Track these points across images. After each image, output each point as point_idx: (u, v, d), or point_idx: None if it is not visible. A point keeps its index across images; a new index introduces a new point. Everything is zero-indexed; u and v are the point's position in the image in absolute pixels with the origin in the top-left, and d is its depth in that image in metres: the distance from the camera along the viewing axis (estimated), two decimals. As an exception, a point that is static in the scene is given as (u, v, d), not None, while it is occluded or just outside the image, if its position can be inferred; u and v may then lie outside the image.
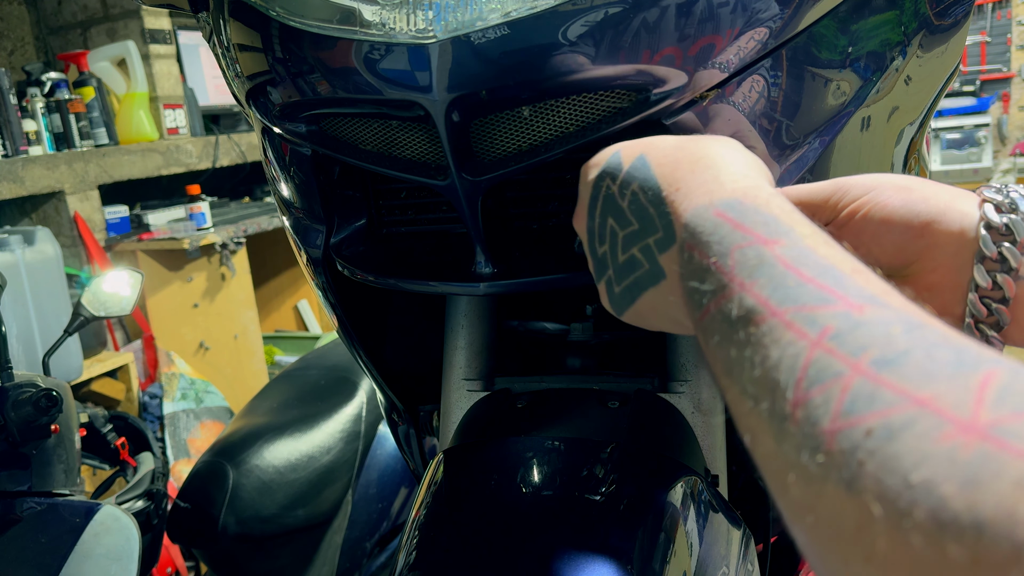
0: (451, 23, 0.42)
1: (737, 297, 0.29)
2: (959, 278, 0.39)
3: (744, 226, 0.32)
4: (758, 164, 0.38)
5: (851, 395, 0.23)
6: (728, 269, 0.31)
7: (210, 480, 1.12)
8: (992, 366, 0.22)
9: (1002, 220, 0.38)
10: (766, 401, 0.26)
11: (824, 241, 0.30)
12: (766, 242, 0.30)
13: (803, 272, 0.28)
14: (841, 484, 0.22)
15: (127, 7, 2.61)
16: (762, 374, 0.27)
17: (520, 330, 0.68)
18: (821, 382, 0.24)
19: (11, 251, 1.97)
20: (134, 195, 2.79)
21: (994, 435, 0.19)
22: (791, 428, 0.25)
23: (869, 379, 0.23)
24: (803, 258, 0.29)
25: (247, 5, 0.48)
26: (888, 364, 0.23)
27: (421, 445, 0.79)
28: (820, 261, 0.29)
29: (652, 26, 0.42)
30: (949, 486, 0.19)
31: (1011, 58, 4.44)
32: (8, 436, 0.99)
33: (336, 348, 1.38)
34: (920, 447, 0.20)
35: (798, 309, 0.27)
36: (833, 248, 0.30)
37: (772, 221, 0.32)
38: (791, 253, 0.29)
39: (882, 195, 0.40)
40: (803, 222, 0.32)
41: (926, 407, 0.21)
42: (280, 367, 2.97)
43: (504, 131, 0.46)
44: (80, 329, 1.25)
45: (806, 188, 0.43)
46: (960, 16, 0.58)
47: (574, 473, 0.51)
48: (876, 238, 0.40)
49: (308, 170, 0.55)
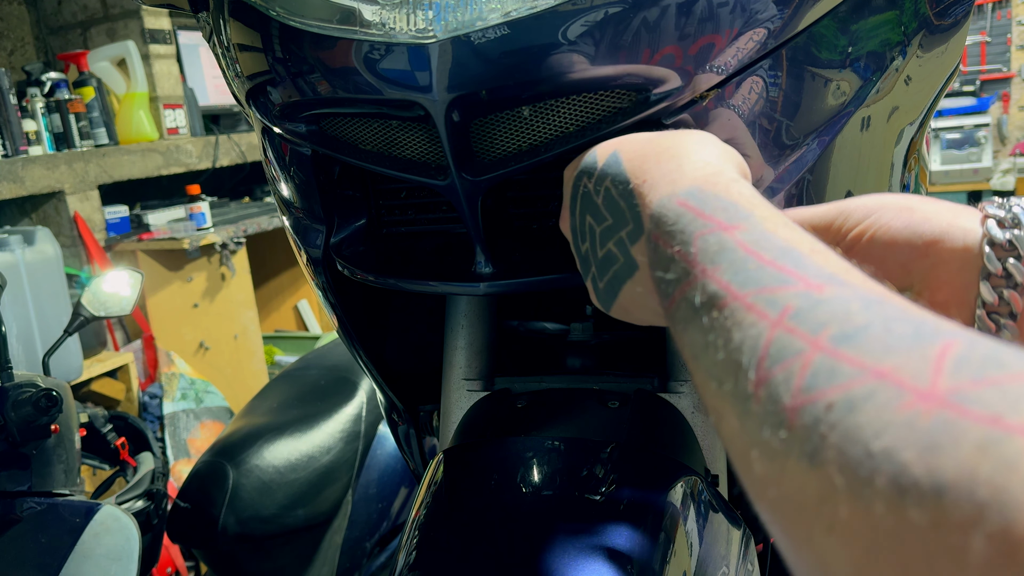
0: (451, 23, 0.42)
1: (700, 284, 0.30)
2: (966, 295, 0.39)
3: (705, 214, 0.32)
4: (727, 152, 0.39)
5: (811, 371, 0.23)
6: (691, 257, 0.31)
7: (210, 480, 1.12)
8: (950, 337, 0.22)
9: (1005, 236, 0.38)
10: (729, 382, 0.27)
11: (784, 223, 0.31)
12: (726, 228, 0.31)
13: (763, 255, 0.29)
14: (804, 458, 0.22)
15: (127, 7, 2.61)
16: (726, 357, 0.27)
17: (520, 330, 0.68)
18: (782, 360, 0.25)
19: (11, 251, 1.97)
20: (134, 195, 2.79)
21: (953, 401, 0.20)
22: (753, 407, 0.25)
23: (828, 354, 0.23)
24: (763, 241, 0.29)
25: (247, 5, 0.48)
26: (847, 339, 0.23)
27: (421, 445, 0.79)
28: (779, 243, 0.29)
29: (652, 26, 0.42)
30: (909, 452, 0.20)
31: (1011, 58, 4.44)
32: (8, 436, 0.99)
33: (336, 348, 1.38)
34: (880, 417, 0.21)
35: (759, 291, 0.27)
36: (793, 230, 0.30)
37: (732, 207, 0.32)
38: (751, 237, 0.30)
39: (884, 217, 0.41)
40: (763, 205, 0.32)
41: (885, 379, 0.22)
42: (280, 367, 2.97)
43: (504, 131, 0.46)
44: (80, 329, 1.25)
45: (808, 211, 0.43)
46: (960, 16, 0.58)
47: (574, 473, 0.51)
48: (882, 260, 0.41)
49: (308, 170, 0.55)
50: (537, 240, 0.54)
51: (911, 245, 0.40)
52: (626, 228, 0.38)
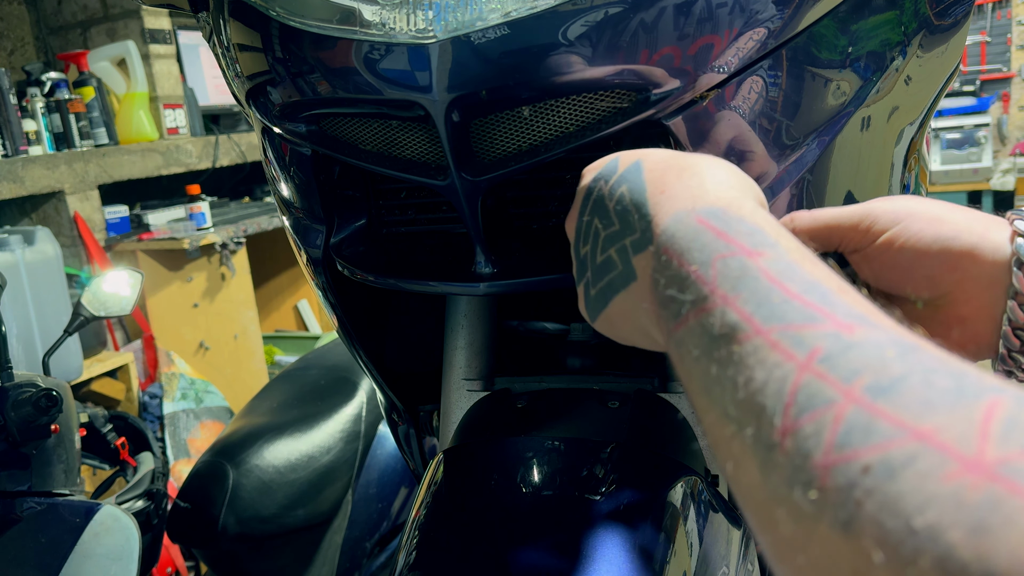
0: (451, 23, 0.42)
1: (719, 311, 0.28)
2: (992, 310, 0.39)
3: (727, 235, 0.31)
4: (748, 182, 0.37)
5: (845, 425, 0.22)
6: (709, 280, 0.29)
7: (210, 480, 1.12)
8: (995, 395, 0.20)
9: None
10: (751, 427, 0.25)
11: (809, 257, 0.29)
12: (750, 253, 0.29)
13: (788, 287, 0.27)
14: (837, 525, 0.21)
15: (127, 7, 2.61)
16: (746, 397, 0.25)
17: (520, 330, 0.68)
18: (811, 409, 0.23)
19: (11, 251, 1.97)
20: (134, 195, 2.79)
21: (1003, 475, 0.18)
22: (779, 458, 0.23)
23: (864, 408, 0.22)
24: (788, 272, 0.28)
25: (247, 5, 0.48)
26: (884, 392, 0.22)
27: (421, 445, 0.79)
28: (806, 276, 0.27)
29: (652, 26, 0.42)
30: (956, 532, 0.18)
31: (1011, 58, 4.44)
32: (8, 436, 0.99)
33: (336, 348, 1.38)
34: (923, 487, 0.19)
35: (784, 328, 0.25)
36: (818, 265, 0.29)
37: (757, 232, 0.30)
38: (776, 267, 0.28)
39: (914, 226, 0.40)
40: (788, 236, 0.30)
41: (927, 441, 0.20)
42: (280, 367, 2.97)
43: (504, 131, 0.46)
44: (80, 329, 1.25)
45: (832, 212, 0.42)
46: (960, 16, 0.58)
47: (574, 473, 0.51)
48: (909, 270, 0.40)
49: (308, 170, 0.55)
50: (537, 240, 0.54)
51: (940, 258, 0.39)
52: (632, 236, 0.36)
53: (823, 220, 0.42)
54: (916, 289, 0.40)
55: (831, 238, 0.42)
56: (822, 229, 0.42)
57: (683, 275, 0.31)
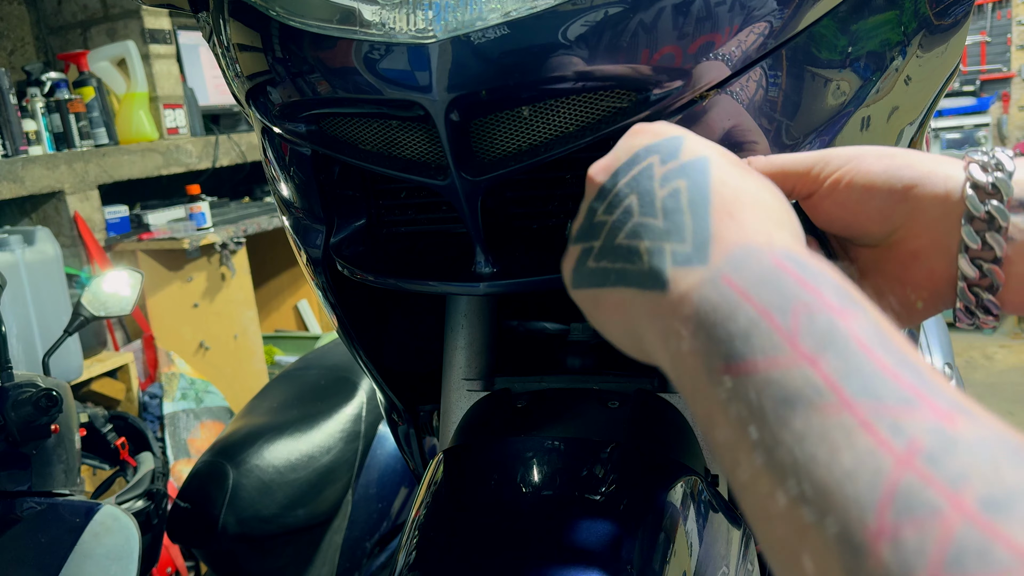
0: (451, 23, 0.42)
1: (799, 371, 0.25)
2: (947, 241, 0.38)
3: (810, 284, 0.27)
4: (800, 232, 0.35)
5: (956, 544, 0.19)
6: (788, 330, 0.26)
7: (210, 480, 1.12)
8: None
9: (988, 179, 0.37)
10: (833, 517, 0.22)
11: (889, 324, 0.26)
12: (838, 311, 0.26)
13: (883, 360, 0.24)
14: None
15: (127, 7, 2.61)
16: (829, 480, 0.22)
17: (520, 330, 0.68)
18: (913, 514, 0.20)
19: (11, 251, 1.97)
20: (134, 195, 2.78)
21: None
22: (871, 566, 0.20)
23: (977, 526, 0.19)
24: (880, 341, 0.25)
25: (247, 5, 0.48)
26: (999, 508, 0.20)
27: (421, 445, 0.79)
28: (898, 349, 0.25)
29: (651, 26, 0.42)
30: None
31: (1011, 58, 4.44)
32: (8, 436, 0.99)
33: (336, 348, 1.38)
34: None
35: (878, 408, 0.23)
36: (903, 336, 0.26)
37: (841, 289, 0.27)
38: (866, 332, 0.25)
39: (864, 162, 0.40)
40: (864, 296, 0.28)
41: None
42: (280, 367, 2.97)
43: (504, 131, 0.46)
44: (80, 329, 1.25)
45: (787, 157, 0.42)
46: (960, 16, 0.58)
47: (574, 473, 0.51)
48: (860, 205, 0.39)
49: (308, 170, 0.55)
50: (537, 240, 0.54)
51: (890, 189, 0.38)
52: (678, 244, 0.32)
53: (778, 165, 0.41)
54: (869, 225, 0.40)
55: (784, 183, 0.42)
56: (777, 174, 0.42)
57: (751, 315, 0.27)
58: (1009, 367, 3.37)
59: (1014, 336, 3.71)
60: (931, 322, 1.08)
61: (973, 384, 3.17)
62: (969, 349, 3.56)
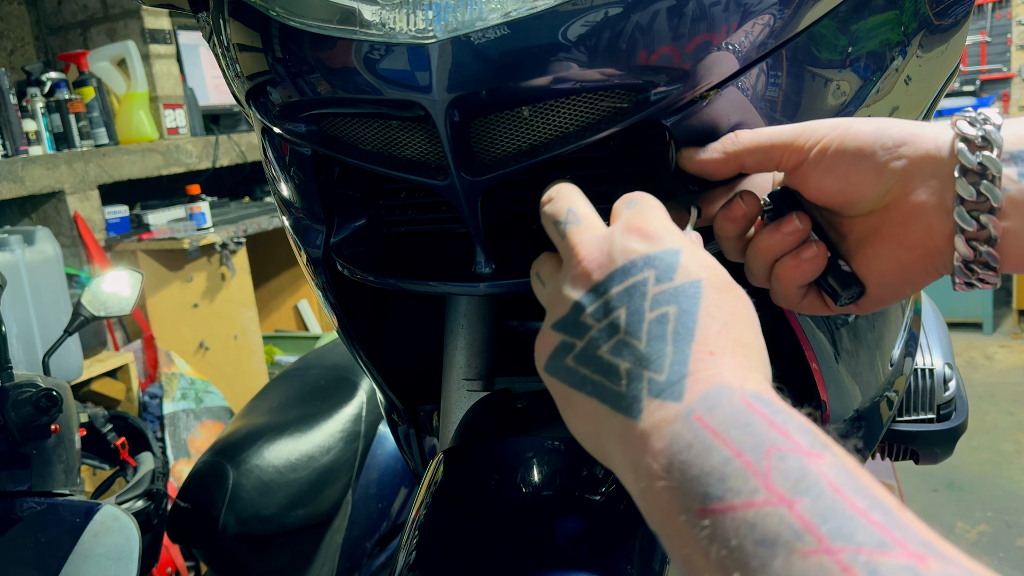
0: (451, 23, 0.42)
1: (776, 513, 0.25)
2: (941, 197, 0.38)
3: (780, 426, 0.28)
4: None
5: None
6: (763, 473, 0.27)
7: (210, 480, 1.12)
8: None
9: (977, 132, 0.37)
10: None
11: (856, 463, 0.27)
12: (808, 453, 0.27)
13: (855, 502, 0.25)
14: None
15: (127, 7, 2.61)
16: None
17: (520, 330, 0.68)
18: None
19: (11, 251, 1.97)
20: (134, 195, 2.79)
21: None
22: None
23: None
24: (850, 482, 0.26)
25: (247, 5, 0.48)
26: None
27: (421, 445, 0.79)
28: (866, 489, 0.26)
29: (651, 26, 0.42)
30: None
31: (1011, 58, 4.44)
32: (8, 436, 0.99)
33: (336, 348, 1.38)
34: None
35: (855, 551, 0.24)
36: (870, 476, 0.27)
37: (808, 431, 0.28)
38: (837, 473, 0.26)
39: (851, 127, 0.40)
40: (831, 439, 0.28)
41: None
42: (280, 367, 2.97)
43: (504, 131, 0.46)
44: (80, 329, 1.25)
45: (773, 129, 0.42)
46: (960, 16, 0.58)
47: (574, 473, 0.51)
48: (852, 167, 0.40)
49: (308, 170, 0.55)
50: (537, 240, 0.54)
51: (882, 147, 0.39)
52: (655, 373, 0.32)
53: (765, 138, 0.42)
54: (862, 187, 0.40)
55: (771, 155, 0.42)
56: (764, 147, 0.42)
57: (724, 455, 0.28)
58: (1009, 367, 3.37)
59: (1014, 336, 3.71)
60: (931, 323, 1.08)
61: (973, 384, 3.18)
62: (969, 349, 3.56)
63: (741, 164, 0.44)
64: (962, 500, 2.45)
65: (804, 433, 0.28)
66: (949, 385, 0.94)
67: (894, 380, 0.76)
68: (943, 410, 0.93)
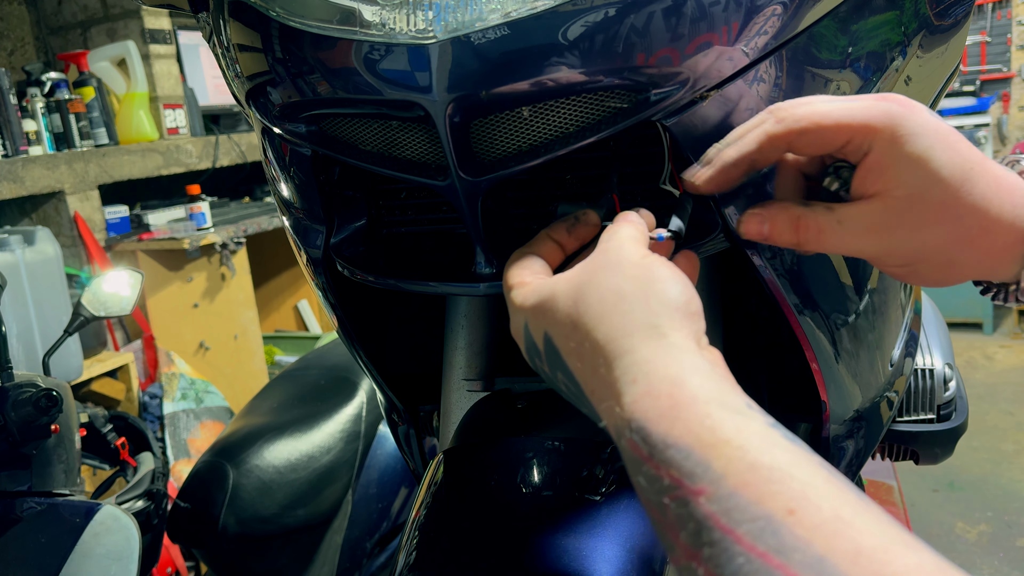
0: (451, 23, 0.42)
1: (688, 569, 0.27)
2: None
3: (660, 466, 0.29)
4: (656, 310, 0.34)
5: None
6: (669, 527, 0.28)
7: (210, 480, 1.12)
8: None
9: None
10: None
11: (748, 465, 0.27)
12: (692, 492, 0.28)
13: (741, 536, 0.26)
14: None
15: (127, 7, 2.61)
16: None
17: (520, 330, 0.68)
18: None
19: (11, 251, 1.97)
20: (134, 195, 2.79)
21: None
22: None
23: None
24: (735, 512, 0.26)
25: (247, 5, 0.48)
26: None
27: (421, 445, 0.79)
28: (752, 511, 0.26)
29: (651, 27, 0.42)
30: None
31: (1011, 58, 4.44)
32: (8, 436, 0.99)
33: (336, 348, 1.38)
34: None
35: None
36: (757, 472, 0.27)
37: (685, 455, 0.28)
38: (720, 508, 0.27)
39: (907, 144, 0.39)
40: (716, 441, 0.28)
41: None
42: (280, 367, 2.97)
43: (504, 131, 0.46)
44: (80, 329, 1.25)
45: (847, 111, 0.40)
46: (960, 16, 0.58)
47: (574, 473, 0.51)
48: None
49: (308, 170, 0.55)
50: (537, 240, 0.54)
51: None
52: (598, 422, 0.35)
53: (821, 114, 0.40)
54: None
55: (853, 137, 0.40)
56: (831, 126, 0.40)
57: (649, 513, 0.30)
58: (1009, 367, 3.37)
59: (1014, 336, 3.70)
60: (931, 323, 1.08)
61: (973, 384, 3.17)
62: (969, 349, 3.56)
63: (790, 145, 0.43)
64: (962, 500, 2.45)
65: (679, 463, 0.28)
66: (949, 385, 0.94)
67: (894, 380, 0.76)
68: (943, 410, 0.93)
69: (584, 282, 0.37)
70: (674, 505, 0.28)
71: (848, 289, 0.59)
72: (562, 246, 0.45)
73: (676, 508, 0.28)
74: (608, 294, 0.35)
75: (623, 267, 0.36)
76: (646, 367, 0.32)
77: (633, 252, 0.38)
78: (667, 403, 0.30)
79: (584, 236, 0.45)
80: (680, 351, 0.32)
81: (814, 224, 0.41)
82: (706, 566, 0.26)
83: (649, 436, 0.29)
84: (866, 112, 0.39)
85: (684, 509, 0.27)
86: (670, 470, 0.28)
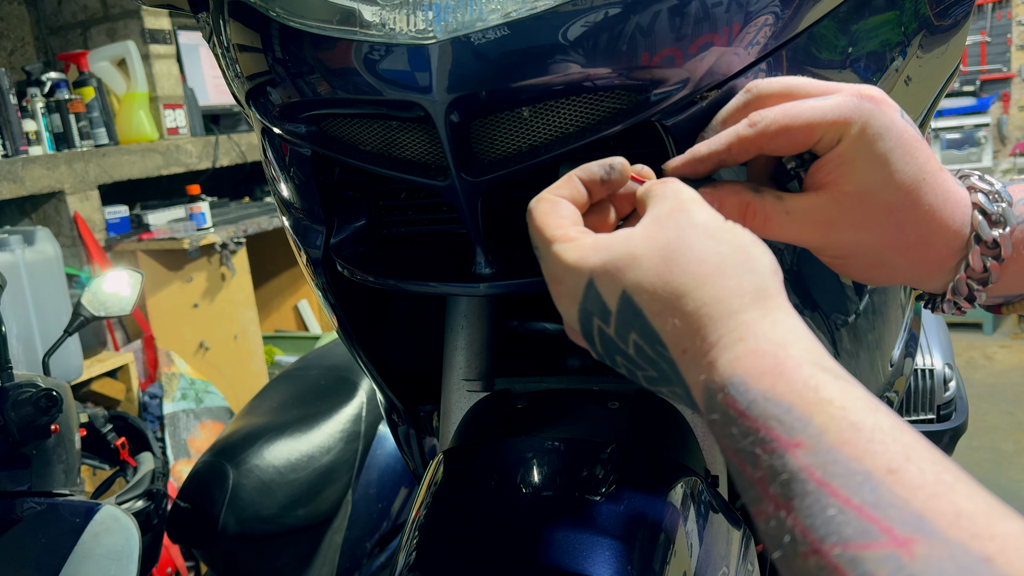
0: (451, 24, 0.42)
1: (779, 521, 0.27)
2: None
3: (757, 421, 0.29)
4: (760, 274, 0.34)
5: None
6: (758, 478, 0.28)
7: (210, 480, 1.12)
8: None
9: (995, 208, 0.41)
10: None
11: (850, 424, 0.27)
12: (788, 445, 0.27)
13: (837, 489, 0.26)
14: None
15: (127, 7, 2.61)
16: None
17: (520, 330, 0.68)
18: None
19: (11, 251, 1.96)
20: (134, 195, 2.78)
21: None
22: None
23: None
24: (832, 466, 0.26)
25: (247, 5, 0.48)
26: None
27: (421, 445, 0.79)
28: (851, 467, 0.26)
29: (651, 27, 0.42)
30: None
31: (1011, 58, 4.44)
32: (8, 436, 0.99)
33: (336, 348, 1.38)
34: None
35: (843, 547, 0.25)
36: (859, 432, 0.27)
37: (782, 410, 0.28)
38: (817, 461, 0.27)
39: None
40: (819, 400, 0.28)
41: None
42: (280, 367, 2.97)
43: (504, 131, 0.46)
44: (80, 329, 1.25)
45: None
46: (960, 16, 0.58)
47: (574, 473, 0.51)
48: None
49: (308, 170, 0.55)
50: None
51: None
52: (673, 387, 0.35)
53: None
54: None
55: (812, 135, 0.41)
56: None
57: (734, 466, 0.30)
58: (1009, 367, 3.37)
59: (1014, 336, 3.70)
60: (931, 323, 1.08)
61: (973, 384, 3.17)
62: (969, 349, 3.56)
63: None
64: (962, 500, 2.45)
65: (779, 418, 0.28)
66: (949, 385, 0.94)
67: (894, 380, 0.76)
68: (943, 410, 0.93)
69: (672, 241, 0.36)
70: (767, 457, 0.28)
71: (848, 289, 0.59)
72: (591, 193, 0.42)
73: (769, 460, 0.28)
74: (708, 256, 0.35)
75: (713, 230, 0.36)
76: (754, 327, 0.32)
77: (712, 215, 0.37)
78: (771, 362, 0.30)
79: (616, 185, 0.42)
80: (785, 314, 0.32)
81: (762, 212, 0.41)
82: (795, 516, 0.26)
83: (748, 391, 0.30)
84: (837, 110, 0.40)
85: (779, 461, 0.27)
86: (768, 422, 0.28)
